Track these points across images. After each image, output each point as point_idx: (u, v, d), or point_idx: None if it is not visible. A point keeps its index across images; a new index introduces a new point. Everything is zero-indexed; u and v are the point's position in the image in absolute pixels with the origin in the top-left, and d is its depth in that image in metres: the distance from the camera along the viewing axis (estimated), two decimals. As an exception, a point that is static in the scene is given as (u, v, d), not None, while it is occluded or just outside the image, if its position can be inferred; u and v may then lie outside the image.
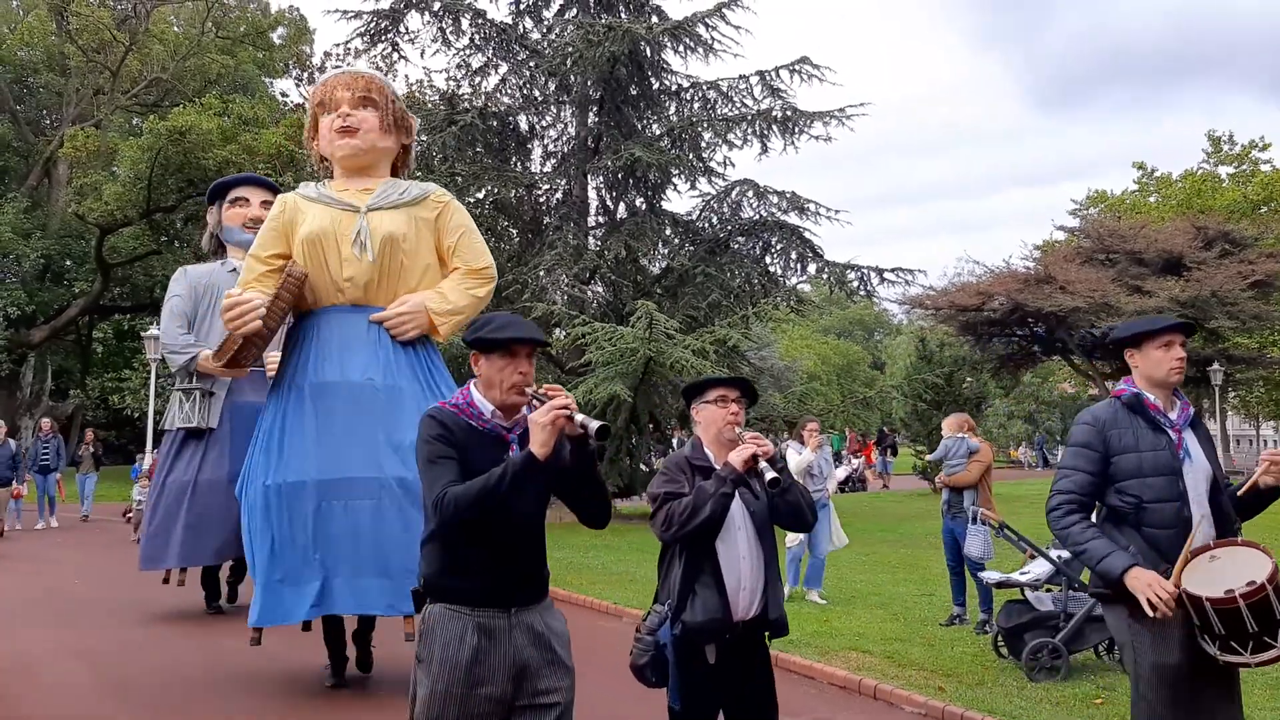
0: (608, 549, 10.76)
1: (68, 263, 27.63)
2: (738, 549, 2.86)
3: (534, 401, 2.36)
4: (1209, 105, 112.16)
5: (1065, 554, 5.71)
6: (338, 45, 20.70)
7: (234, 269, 5.95)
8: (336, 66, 24.79)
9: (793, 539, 7.57)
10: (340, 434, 4.10)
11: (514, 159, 15.93)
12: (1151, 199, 40.23)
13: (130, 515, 12.79)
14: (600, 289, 15.44)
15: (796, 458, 7.52)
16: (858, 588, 8.53)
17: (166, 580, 6.40)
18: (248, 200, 6.32)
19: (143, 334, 19.63)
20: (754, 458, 2.81)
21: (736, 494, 2.83)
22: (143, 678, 5.09)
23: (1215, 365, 30.36)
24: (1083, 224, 37.40)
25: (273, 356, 5.12)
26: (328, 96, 4.12)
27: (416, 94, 22.64)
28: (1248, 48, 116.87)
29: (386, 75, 20.93)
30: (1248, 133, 78.77)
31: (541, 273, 14.71)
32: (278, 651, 5.36)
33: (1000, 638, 5.83)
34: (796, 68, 14.91)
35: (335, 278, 4.19)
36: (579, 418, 2.27)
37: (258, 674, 5.19)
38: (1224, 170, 39.94)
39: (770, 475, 2.79)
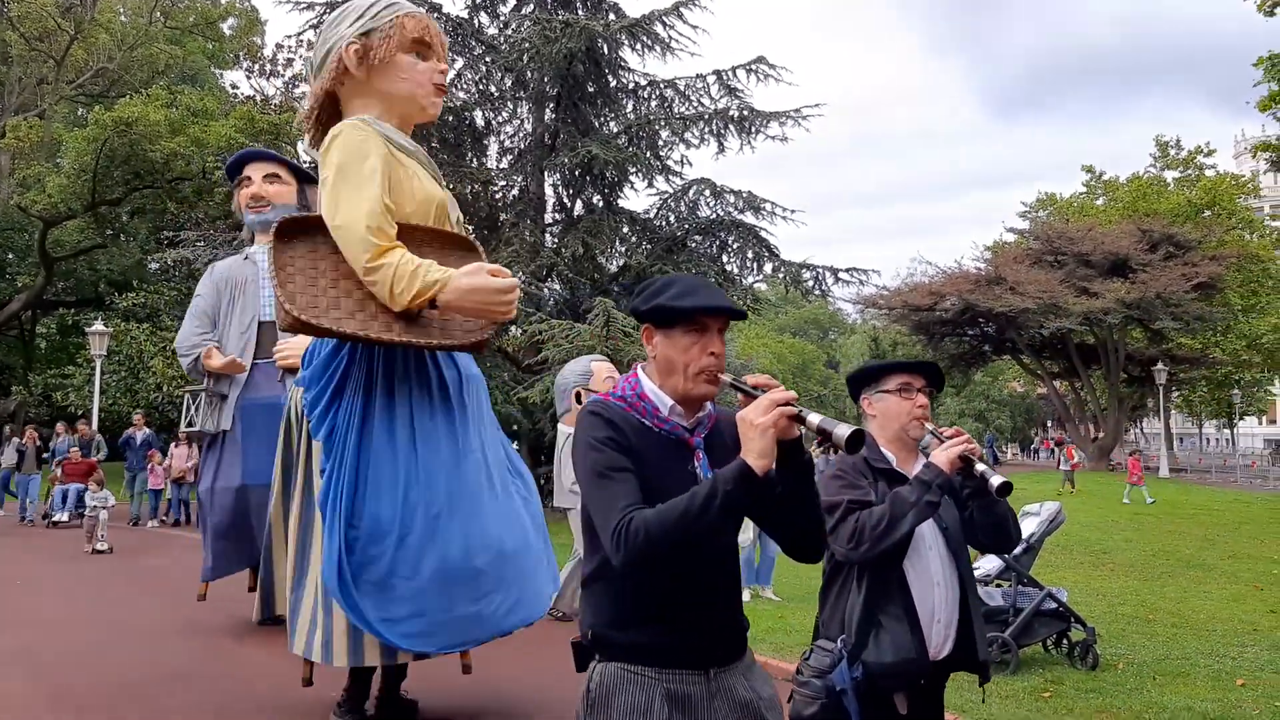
0: (562, 548, 10.69)
1: (9, 256, 26.92)
2: (930, 573, 2.38)
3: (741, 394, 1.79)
4: (1158, 112, 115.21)
5: (1016, 550, 5.80)
6: (289, 37, 20.42)
7: (246, 256, 5.43)
8: (288, 59, 24.51)
9: (744, 539, 7.59)
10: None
11: (470, 155, 15.80)
12: (1099, 202, 41.07)
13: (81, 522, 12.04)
14: (557, 286, 15.39)
15: None
16: (812, 584, 8.58)
17: (202, 597, 6.20)
18: (250, 179, 5.47)
19: (87, 329, 19.17)
20: (964, 459, 2.32)
21: None
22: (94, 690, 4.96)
23: (1159, 365, 31.08)
24: (1032, 226, 38.14)
25: (285, 346, 4.59)
26: (430, 38, 3.08)
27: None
28: (1197, 58, 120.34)
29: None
30: (1195, 139, 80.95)
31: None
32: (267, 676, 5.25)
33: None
34: (753, 68, 14.98)
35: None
36: (813, 418, 1.70)
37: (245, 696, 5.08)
38: (1170, 174, 40.90)
39: (996, 480, 2.27)
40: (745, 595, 7.55)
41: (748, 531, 7.47)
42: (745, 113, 14.85)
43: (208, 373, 5.16)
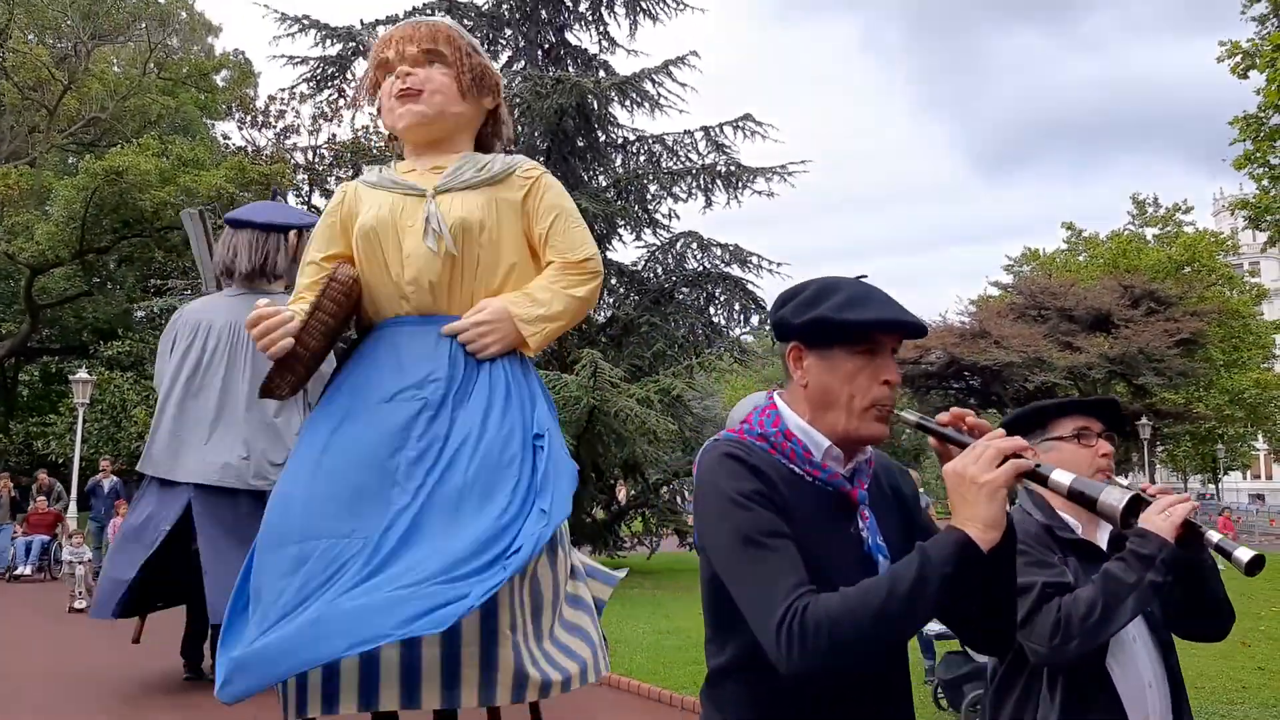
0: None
1: (-6, 303, 26.79)
2: (1139, 673, 1.91)
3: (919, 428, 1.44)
4: (1137, 170, 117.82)
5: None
6: (283, 90, 20.68)
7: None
8: (280, 111, 24.75)
9: None
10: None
11: (460, 207, 15.90)
12: (1081, 258, 41.62)
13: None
14: (545, 337, 15.40)
15: None
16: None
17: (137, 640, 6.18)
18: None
19: (70, 377, 19.04)
20: (1187, 525, 1.79)
21: None
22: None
23: (1143, 420, 31.25)
24: (1016, 281, 38.58)
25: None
26: (386, 53, 2.92)
27: (362, 140, 22.61)
28: (1174, 117, 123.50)
29: (331, 121, 20.88)
30: (1173, 196, 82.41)
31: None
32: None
33: (940, 689, 5.84)
34: (740, 124, 15.21)
35: (397, 280, 2.98)
36: (1059, 475, 1.34)
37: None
38: (1149, 231, 41.55)
39: (1244, 554, 1.69)
40: None
41: None
42: (732, 168, 15.05)
43: None
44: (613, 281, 15.55)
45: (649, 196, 15.46)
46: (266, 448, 5.34)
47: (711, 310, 15.49)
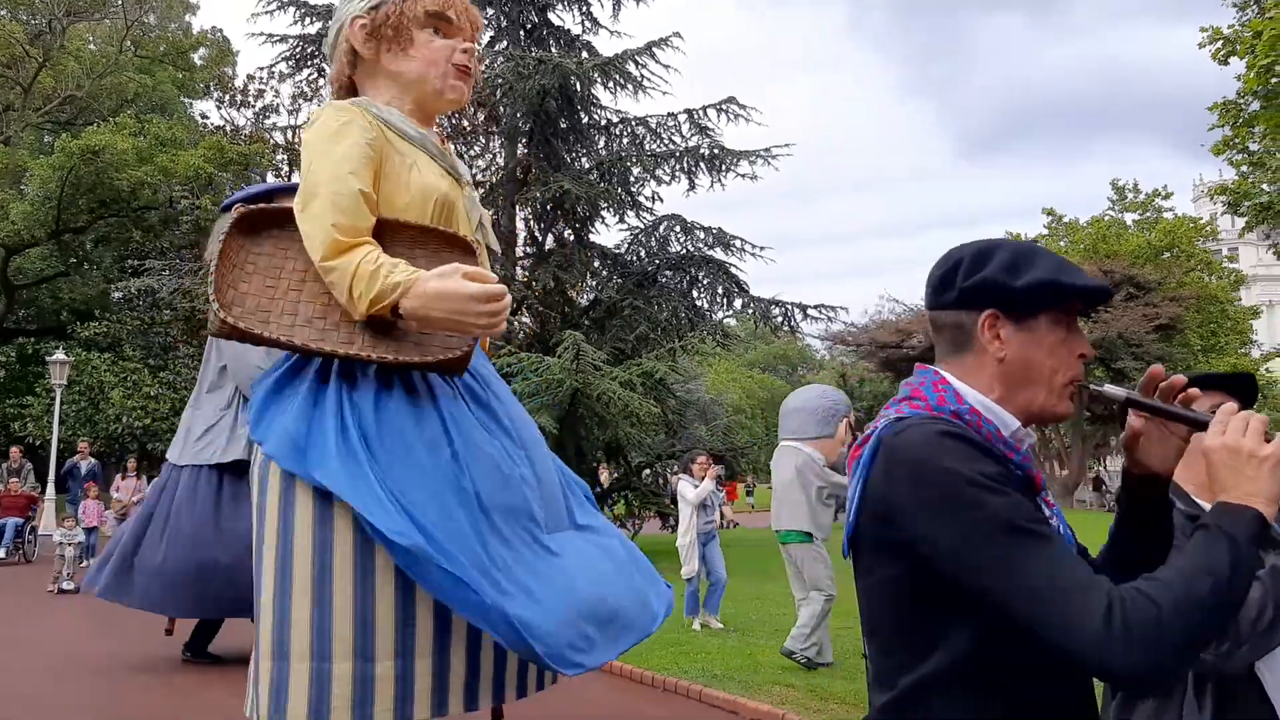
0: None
1: (-32, 283, 26.46)
2: None
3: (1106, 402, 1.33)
4: (1118, 156, 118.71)
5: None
6: (261, 69, 20.35)
7: None
8: (259, 90, 24.47)
9: (688, 570, 7.57)
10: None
11: (442, 188, 15.82)
12: (1061, 243, 41.87)
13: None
14: (528, 319, 15.39)
15: (693, 490, 7.70)
16: (763, 612, 8.56)
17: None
18: None
19: (47, 358, 18.86)
20: None
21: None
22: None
23: (1121, 404, 31.57)
24: (997, 266, 38.82)
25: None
26: (452, 10, 2.56)
27: (343, 120, 22.35)
28: (1156, 104, 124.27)
29: (311, 101, 20.68)
30: (1153, 182, 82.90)
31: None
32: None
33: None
34: (724, 107, 15.18)
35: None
36: None
37: None
38: (1129, 217, 41.84)
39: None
40: (695, 625, 7.54)
41: (691, 562, 7.48)
42: (716, 151, 15.03)
43: None
44: (595, 264, 15.53)
45: (632, 179, 15.43)
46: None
47: (694, 293, 15.50)
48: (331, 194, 2.15)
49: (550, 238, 15.81)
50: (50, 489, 16.59)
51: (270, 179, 21.09)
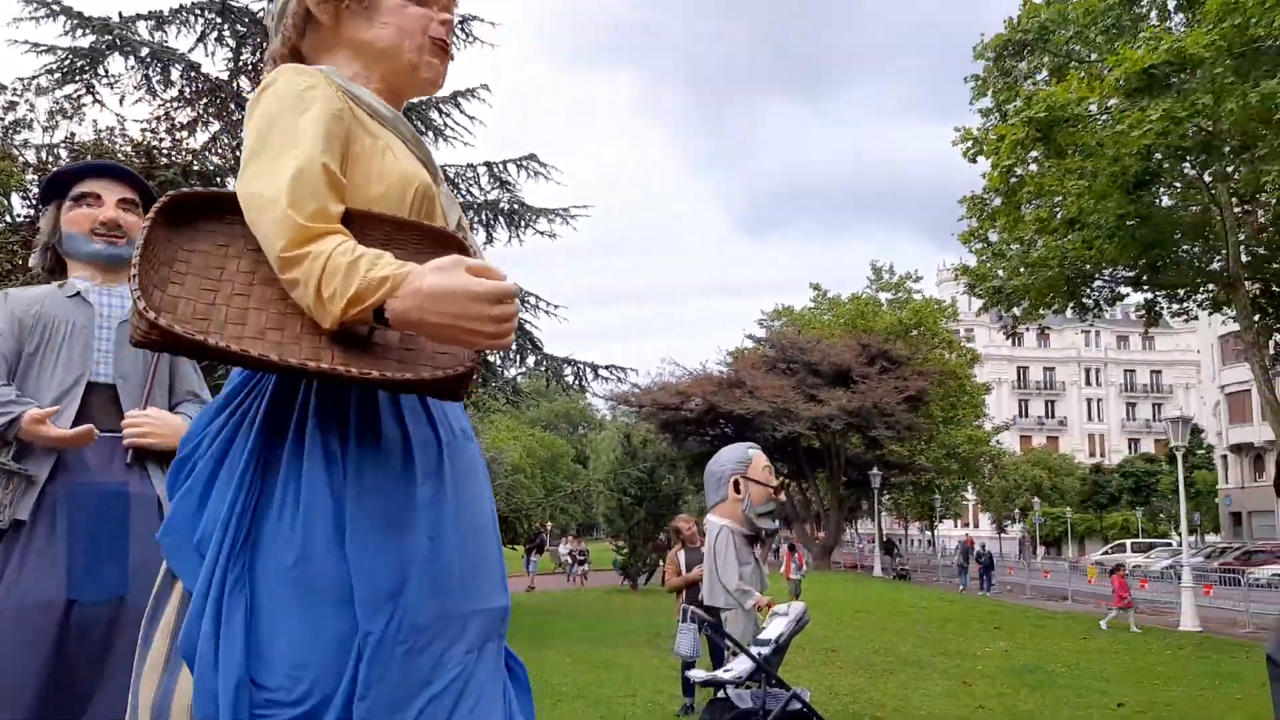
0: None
1: None
2: None
3: None
4: (878, 238, 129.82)
5: (765, 651, 5.98)
6: (19, 79, 18.24)
7: (77, 292, 3.23)
8: (11, 102, 22.09)
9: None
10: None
11: (218, 223, 14.85)
12: (826, 316, 44.91)
13: None
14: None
15: None
16: (584, 687, 8.42)
17: None
18: (99, 198, 3.46)
19: None
20: None
21: None
22: None
23: (874, 470, 33.94)
24: (769, 334, 41.04)
25: (145, 418, 2.89)
26: None
27: (106, 142, 20.57)
28: (913, 192, 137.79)
29: (72, 119, 18.92)
30: (906, 265, 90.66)
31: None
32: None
33: (704, 734, 5.95)
34: (524, 163, 15.23)
35: None
36: None
37: None
38: (884, 296, 45.55)
39: None
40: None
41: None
42: (516, 206, 15.02)
43: (16, 441, 3.13)
44: (383, 313, 15.03)
45: (427, 228, 15.15)
46: None
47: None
48: (292, 173, 1.70)
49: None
50: None
51: (16, 201, 18.98)
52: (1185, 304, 20.38)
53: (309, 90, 1.81)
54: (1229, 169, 17.29)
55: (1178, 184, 18.48)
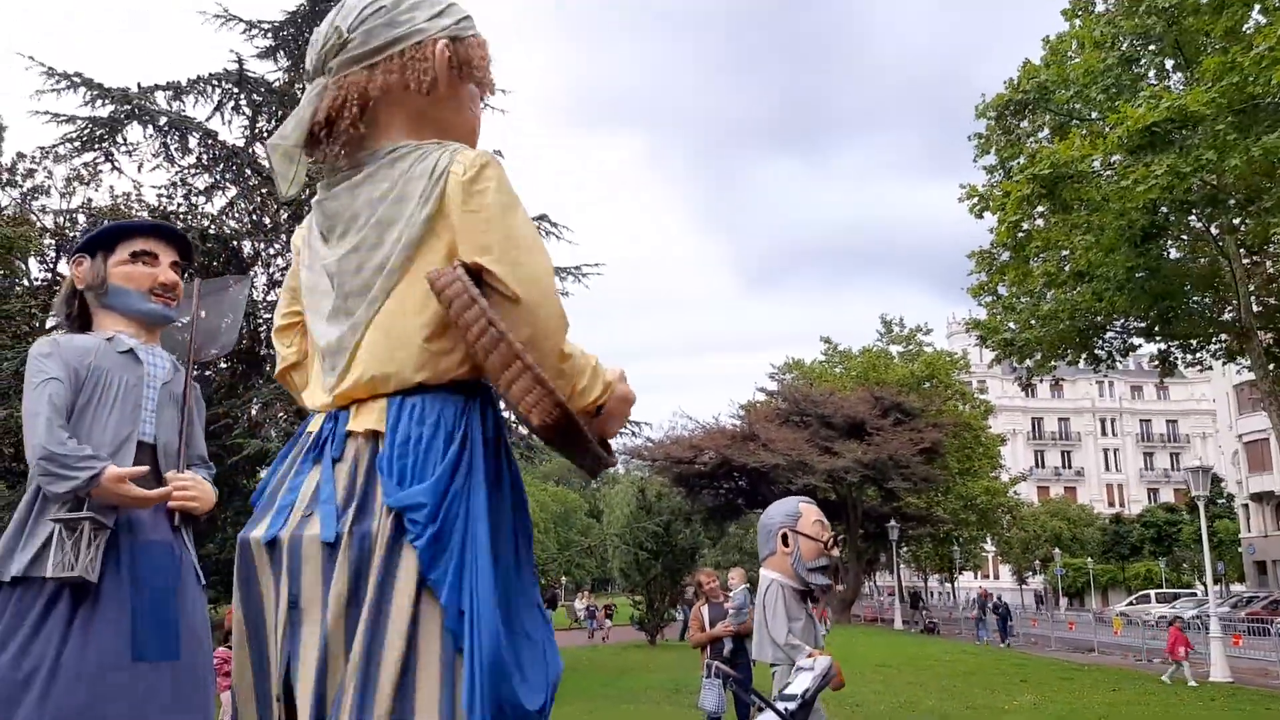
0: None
1: None
2: None
3: None
4: (884, 292, 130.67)
5: (790, 706, 5.97)
6: (40, 148, 18.73)
7: (130, 349, 3.37)
8: (30, 170, 22.63)
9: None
10: None
11: (236, 285, 15.11)
12: (837, 369, 44.91)
13: None
14: (322, 424, 14.73)
15: None
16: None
17: None
18: (156, 258, 3.33)
19: None
20: None
21: None
22: None
23: (892, 522, 33.72)
24: (781, 387, 41.03)
25: (188, 481, 2.90)
26: (487, 74, 2.03)
27: (123, 207, 20.96)
28: (921, 246, 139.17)
29: (89, 185, 19.30)
30: (915, 318, 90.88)
31: (255, 408, 13.77)
32: None
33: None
34: (537, 224, 15.51)
35: None
36: None
37: None
38: (894, 349, 45.57)
39: None
40: None
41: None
42: (529, 266, 15.26)
43: (88, 497, 3.02)
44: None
45: (441, 288, 15.37)
46: None
47: (502, 404, 15.43)
48: (551, 271, 1.79)
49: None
50: None
51: (34, 265, 19.38)
52: (1199, 354, 20.40)
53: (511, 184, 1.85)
54: (1235, 221, 17.45)
55: (1185, 237, 18.64)
